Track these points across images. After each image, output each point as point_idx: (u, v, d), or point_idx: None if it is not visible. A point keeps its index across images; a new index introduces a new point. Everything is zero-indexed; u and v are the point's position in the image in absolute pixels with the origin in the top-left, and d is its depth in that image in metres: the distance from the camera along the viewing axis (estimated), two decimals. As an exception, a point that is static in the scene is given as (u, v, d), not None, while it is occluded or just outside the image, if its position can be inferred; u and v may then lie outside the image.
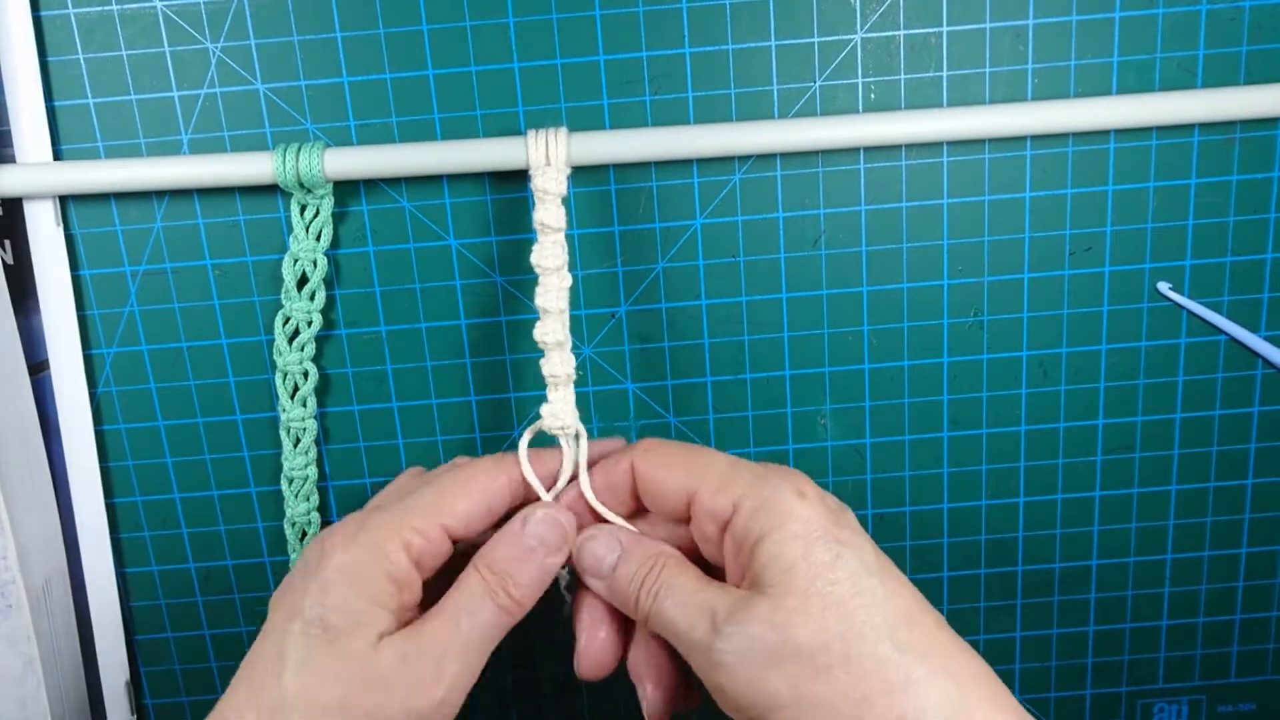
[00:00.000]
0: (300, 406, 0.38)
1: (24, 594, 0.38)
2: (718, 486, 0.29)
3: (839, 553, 0.27)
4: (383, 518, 0.30)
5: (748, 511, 0.28)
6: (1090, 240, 0.38)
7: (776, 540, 0.27)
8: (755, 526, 0.28)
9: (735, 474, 0.29)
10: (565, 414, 0.33)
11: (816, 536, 0.27)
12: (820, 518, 0.28)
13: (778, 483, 0.29)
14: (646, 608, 0.29)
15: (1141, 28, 0.36)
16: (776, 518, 0.28)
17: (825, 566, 0.27)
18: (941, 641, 0.27)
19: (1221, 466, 0.40)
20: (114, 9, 0.36)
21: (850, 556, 0.27)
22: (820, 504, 0.28)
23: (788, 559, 0.27)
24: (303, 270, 0.37)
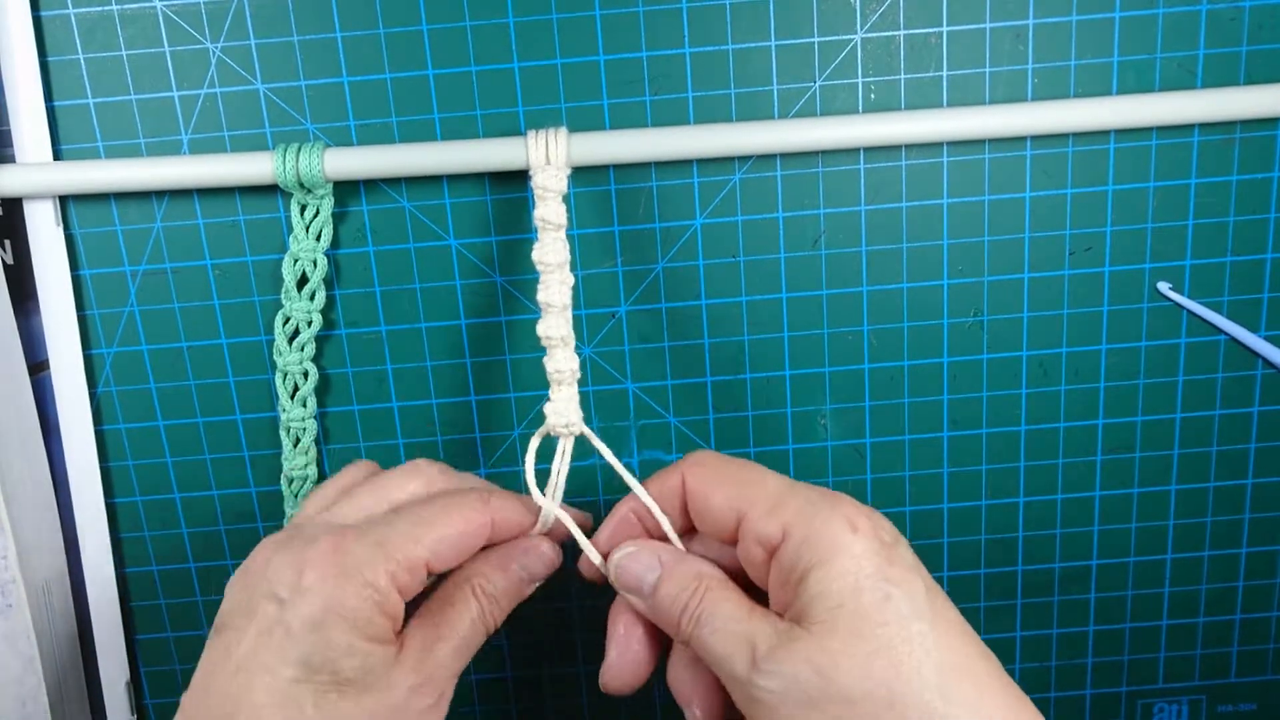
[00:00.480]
0: (300, 406, 0.38)
1: (24, 594, 0.38)
2: (767, 510, 0.28)
3: (889, 593, 0.26)
4: (366, 547, 0.29)
5: (797, 541, 0.27)
6: (1090, 240, 0.38)
7: (824, 576, 0.26)
8: (803, 558, 0.27)
9: (786, 498, 0.28)
10: (570, 412, 0.34)
11: (867, 574, 0.26)
12: (872, 554, 0.27)
13: (829, 513, 0.27)
14: (688, 632, 0.29)
15: (1141, 28, 0.36)
16: (826, 551, 0.27)
17: (874, 608, 0.26)
18: (994, 692, 0.26)
19: (1221, 466, 0.40)
20: (114, 9, 0.36)
21: (901, 599, 0.26)
22: (873, 538, 0.27)
23: (835, 597, 0.26)
24: (303, 270, 0.37)
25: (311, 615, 0.27)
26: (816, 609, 0.26)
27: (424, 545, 0.29)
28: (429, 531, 0.30)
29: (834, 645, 0.26)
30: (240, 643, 0.28)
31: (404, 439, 0.40)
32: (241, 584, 0.29)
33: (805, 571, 0.27)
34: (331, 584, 0.28)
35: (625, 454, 0.40)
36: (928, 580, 0.27)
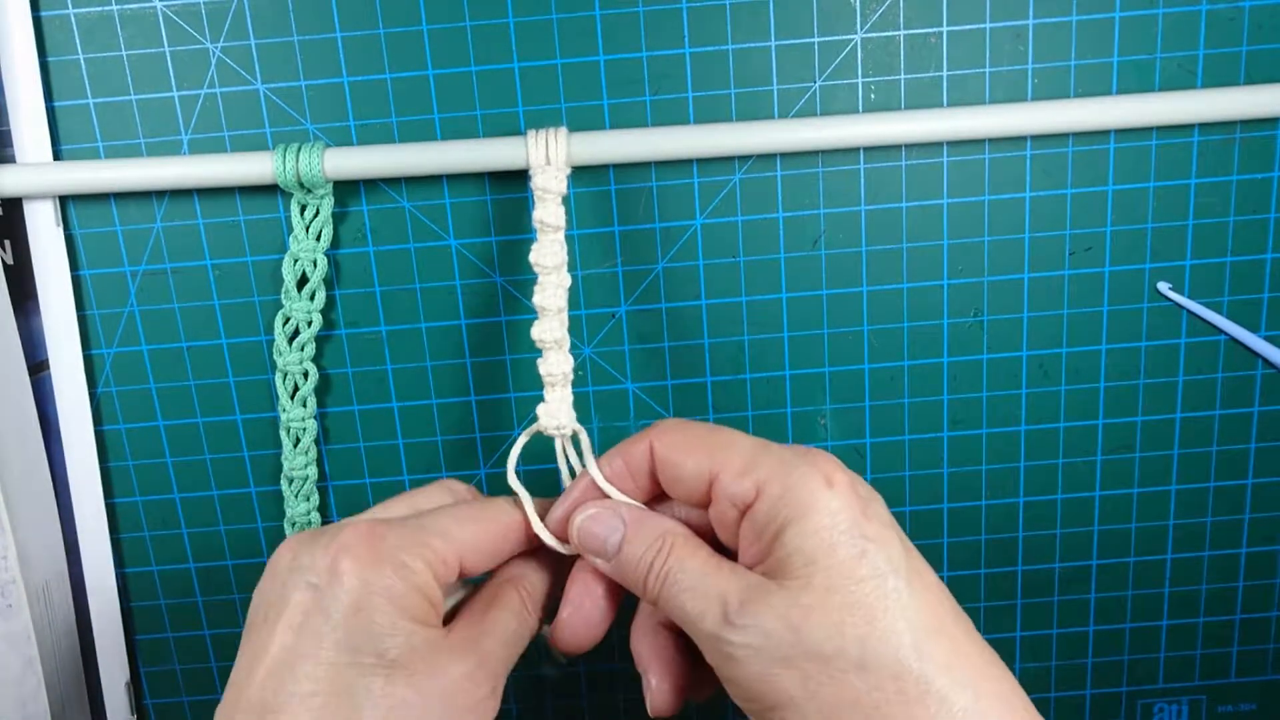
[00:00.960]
0: (300, 406, 0.38)
1: (24, 594, 0.38)
2: (741, 469, 0.28)
3: (865, 549, 0.26)
4: (400, 533, 0.28)
5: (771, 498, 0.27)
6: (1090, 240, 0.38)
7: (800, 531, 0.26)
8: (778, 514, 0.27)
9: (760, 456, 0.28)
10: (562, 414, 0.33)
11: (842, 530, 0.26)
12: (848, 509, 0.26)
13: (805, 469, 0.27)
14: (655, 591, 0.28)
15: (1141, 28, 0.36)
16: (801, 506, 0.26)
17: (849, 564, 0.25)
18: (967, 653, 0.26)
19: (1221, 466, 0.40)
20: (114, 9, 0.36)
21: (877, 554, 0.26)
22: (850, 493, 0.27)
23: (810, 552, 0.26)
24: (303, 270, 0.37)
25: (351, 597, 0.26)
26: (791, 564, 0.26)
27: (456, 542, 0.29)
28: (464, 533, 0.29)
29: (808, 600, 0.25)
30: (275, 635, 0.27)
31: (404, 439, 0.40)
32: (270, 580, 0.28)
33: (780, 527, 0.26)
34: (368, 566, 0.27)
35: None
36: (903, 538, 0.27)
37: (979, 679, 0.25)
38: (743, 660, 0.26)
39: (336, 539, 0.27)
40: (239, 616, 0.41)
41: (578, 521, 0.30)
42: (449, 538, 0.29)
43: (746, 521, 0.28)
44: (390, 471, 0.40)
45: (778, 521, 0.27)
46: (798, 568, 0.26)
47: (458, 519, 0.30)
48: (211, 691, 0.42)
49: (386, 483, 0.40)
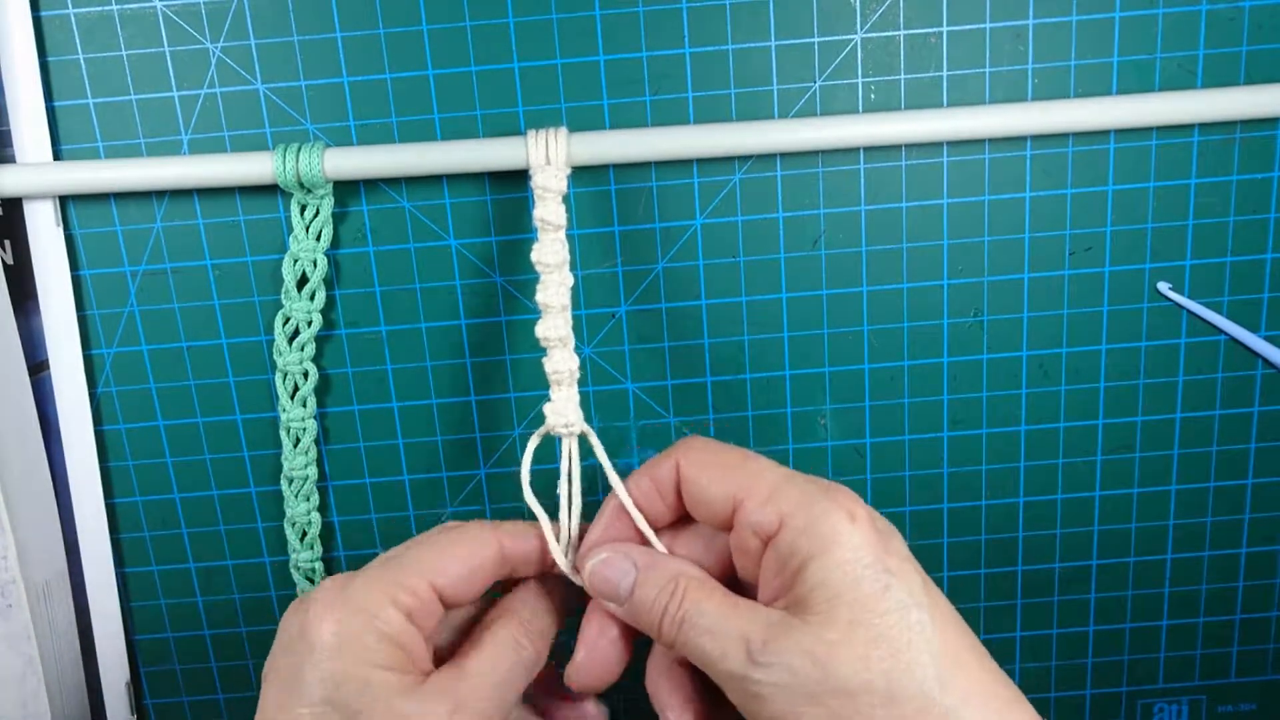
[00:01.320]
0: (300, 406, 0.38)
1: (24, 594, 0.38)
2: (764, 499, 0.28)
3: (888, 583, 0.26)
4: (366, 579, 0.29)
5: (794, 530, 0.27)
6: (1090, 240, 0.38)
7: (823, 565, 0.26)
8: (801, 548, 0.27)
9: (784, 487, 0.28)
10: (569, 412, 0.34)
11: (866, 565, 0.26)
12: (870, 545, 0.27)
13: (827, 504, 0.27)
14: (671, 636, 0.28)
15: (1141, 28, 0.36)
16: (824, 541, 0.26)
17: (873, 598, 0.26)
18: (985, 681, 0.26)
19: (1221, 466, 0.40)
20: (114, 9, 0.36)
21: (899, 587, 0.26)
22: (870, 528, 0.27)
23: (834, 586, 0.26)
24: (303, 270, 0.37)
25: (320, 657, 0.28)
26: (815, 599, 0.26)
27: (429, 571, 0.29)
28: (434, 557, 0.30)
29: (832, 635, 0.25)
30: (266, 696, 0.29)
31: (404, 439, 0.40)
32: (271, 652, 0.30)
33: (804, 561, 0.27)
34: (334, 623, 0.28)
35: (625, 454, 0.40)
36: (921, 572, 0.27)
37: (999, 707, 0.26)
38: (769, 698, 0.26)
39: (307, 599, 0.29)
40: (239, 616, 0.42)
41: (589, 567, 0.31)
42: (420, 571, 0.29)
43: (770, 551, 0.28)
44: (390, 471, 0.40)
45: (800, 555, 0.27)
46: (821, 602, 0.26)
47: (431, 547, 0.30)
48: (211, 691, 0.42)
49: (386, 482, 0.40)
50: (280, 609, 0.41)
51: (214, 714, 0.42)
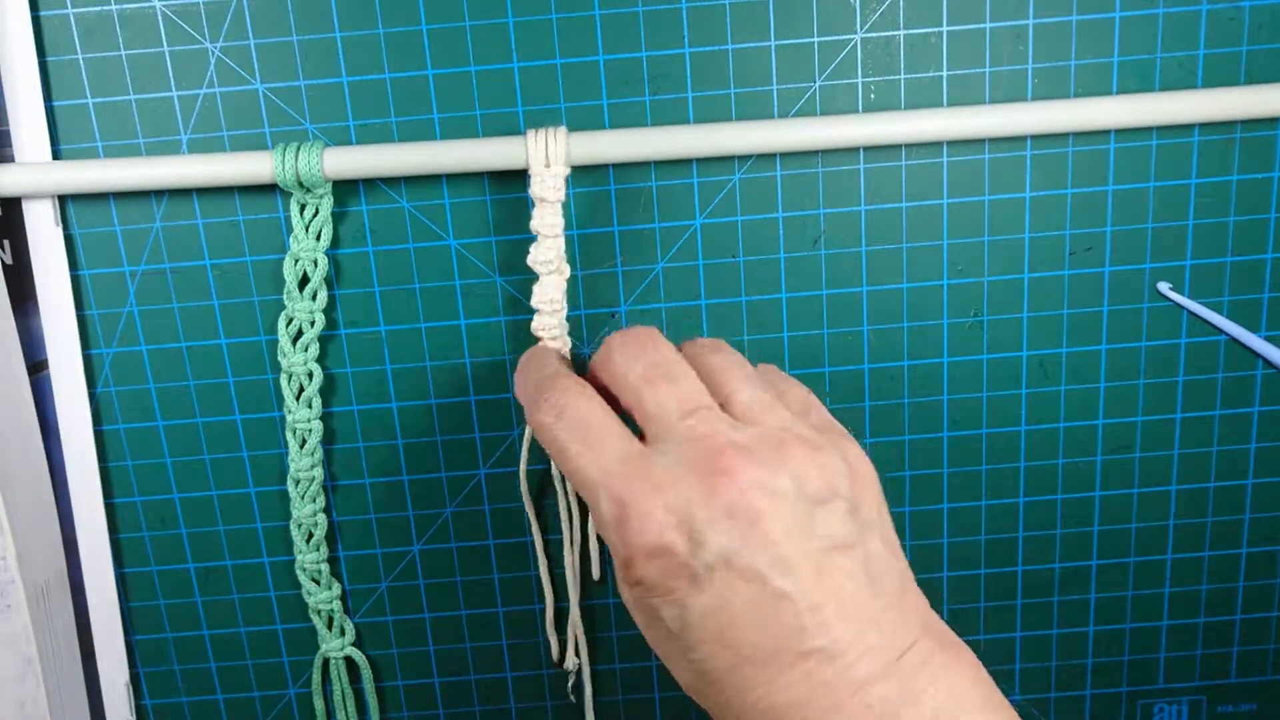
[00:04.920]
0: (306, 408, 0.38)
1: (23, 594, 0.38)
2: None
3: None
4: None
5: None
6: (1090, 240, 0.38)
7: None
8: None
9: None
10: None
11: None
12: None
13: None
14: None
15: (1141, 28, 0.36)
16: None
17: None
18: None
19: (1221, 466, 0.40)
20: (113, 9, 0.36)
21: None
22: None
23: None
24: (304, 270, 0.37)
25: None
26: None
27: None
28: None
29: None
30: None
31: (404, 439, 0.40)
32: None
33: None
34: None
35: (625, 454, 0.40)
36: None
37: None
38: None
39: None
40: (238, 617, 0.41)
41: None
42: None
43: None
44: (390, 471, 0.40)
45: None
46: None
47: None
48: (210, 692, 0.42)
49: (386, 482, 0.40)
50: (280, 609, 0.41)
51: (214, 714, 0.42)
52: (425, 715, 0.42)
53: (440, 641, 0.42)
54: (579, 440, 0.28)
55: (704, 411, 0.28)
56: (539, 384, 0.30)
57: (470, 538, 0.41)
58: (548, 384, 0.30)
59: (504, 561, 0.41)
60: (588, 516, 0.40)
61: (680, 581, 0.26)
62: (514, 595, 0.41)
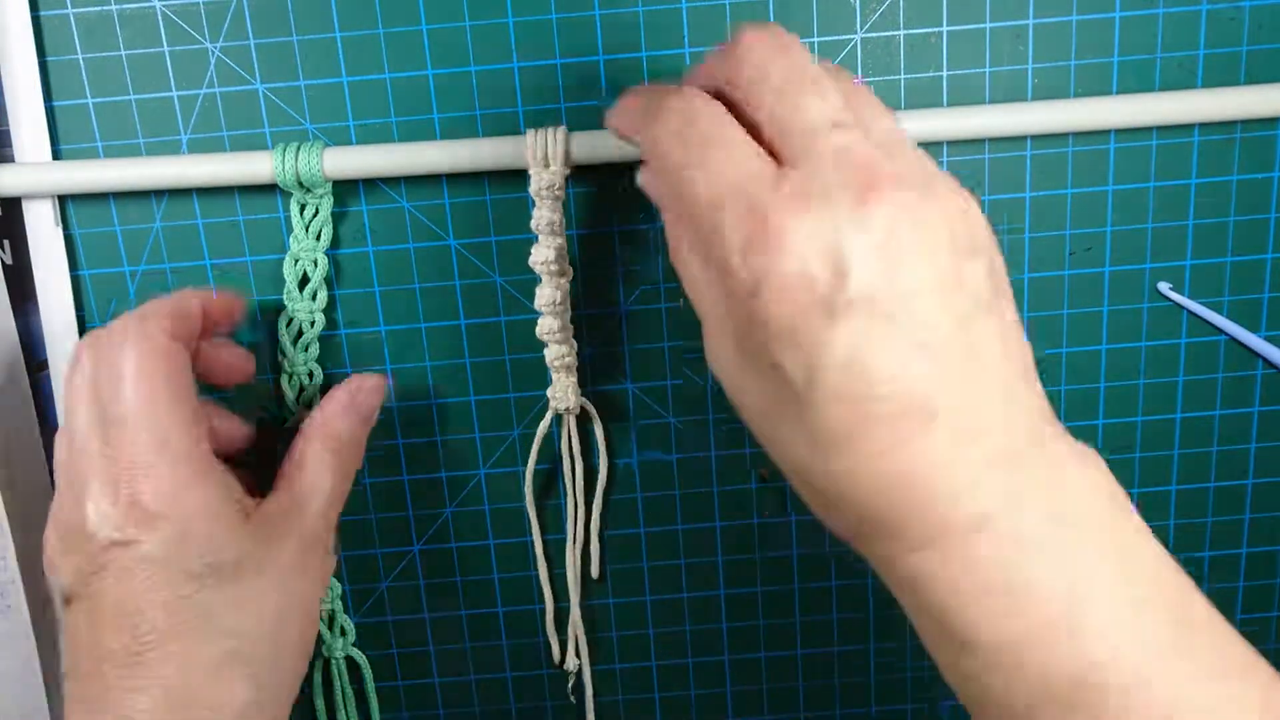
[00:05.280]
0: (306, 408, 0.38)
1: (23, 594, 0.38)
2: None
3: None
4: (153, 454, 0.30)
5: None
6: (1090, 240, 0.38)
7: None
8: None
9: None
10: (568, 397, 0.37)
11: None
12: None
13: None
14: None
15: (1141, 28, 0.36)
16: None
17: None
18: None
19: (1221, 466, 0.40)
20: (113, 9, 0.36)
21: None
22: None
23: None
24: (304, 270, 0.37)
25: (167, 535, 0.29)
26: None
27: (174, 405, 0.30)
28: (160, 387, 0.30)
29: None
30: (107, 596, 0.29)
31: (403, 439, 0.40)
32: (65, 554, 0.30)
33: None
34: (160, 495, 0.29)
35: (625, 454, 0.40)
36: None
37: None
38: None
39: (120, 481, 0.30)
40: (239, 616, 0.41)
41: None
42: (169, 411, 0.30)
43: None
44: (390, 471, 0.40)
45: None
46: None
47: (153, 384, 0.30)
48: (211, 691, 0.42)
49: (386, 482, 0.40)
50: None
51: (214, 714, 0.42)
52: (425, 715, 0.42)
53: (440, 641, 0.42)
54: (702, 154, 0.24)
55: (855, 132, 0.24)
56: (658, 94, 0.26)
57: (470, 538, 0.41)
58: (672, 94, 0.26)
59: (504, 561, 0.41)
60: (590, 516, 0.40)
61: (814, 320, 0.23)
62: (514, 595, 0.42)
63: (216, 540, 0.29)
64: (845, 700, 0.43)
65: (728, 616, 0.42)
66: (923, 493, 0.23)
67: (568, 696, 0.42)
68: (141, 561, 0.29)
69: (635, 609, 0.42)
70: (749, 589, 0.41)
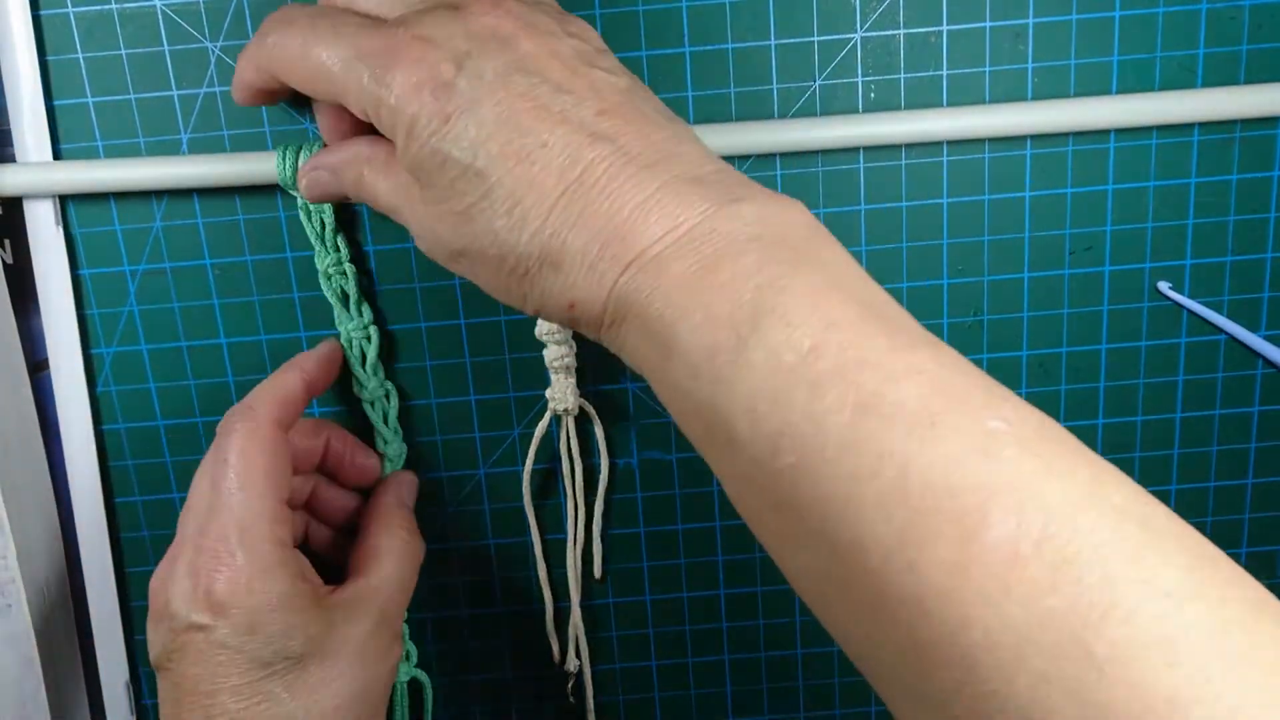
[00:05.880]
0: (395, 433, 0.39)
1: (24, 594, 0.38)
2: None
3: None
4: (234, 533, 0.31)
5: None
6: (1090, 240, 0.38)
7: None
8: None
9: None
10: (567, 397, 0.37)
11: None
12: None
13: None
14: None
15: (1141, 27, 0.36)
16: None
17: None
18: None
19: (1221, 466, 0.40)
20: (113, 8, 0.36)
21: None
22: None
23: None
24: (339, 286, 0.37)
25: (241, 623, 0.30)
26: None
27: (264, 491, 0.31)
28: (257, 475, 0.31)
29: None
30: (186, 674, 0.30)
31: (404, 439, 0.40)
32: (155, 624, 0.32)
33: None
34: (235, 583, 0.30)
35: (625, 454, 0.40)
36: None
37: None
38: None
39: (196, 567, 0.31)
40: (239, 616, 0.41)
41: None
42: (257, 495, 0.31)
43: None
44: (390, 471, 0.40)
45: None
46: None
47: (252, 466, 0.32)
48: (211, 691, 0.42)
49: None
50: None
51: (214, 714, 0.42)
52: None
53: (440, 641, 0.42)
54: (323, 31, 0.28)
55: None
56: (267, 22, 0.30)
57: (470, 538, 0.41)
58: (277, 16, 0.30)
59: (504, 561, 0.41)
60: (592, 516, 0.40)
61: (457, 99, 0.26)
62: (514, 595, 0.41)
63: (286, 629, 0.30)
64: (845, 700, 0.43)
65: (728, 616, 0.42)
66: (619, 219, 0.25)
67: (568, 696, 0.42)
68: (215, 646, 0.30)
69: (635, 609, 0.42)
70: (749, 589, 0.41)
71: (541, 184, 0.25)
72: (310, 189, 0.33)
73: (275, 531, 0.31)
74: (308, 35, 0.28)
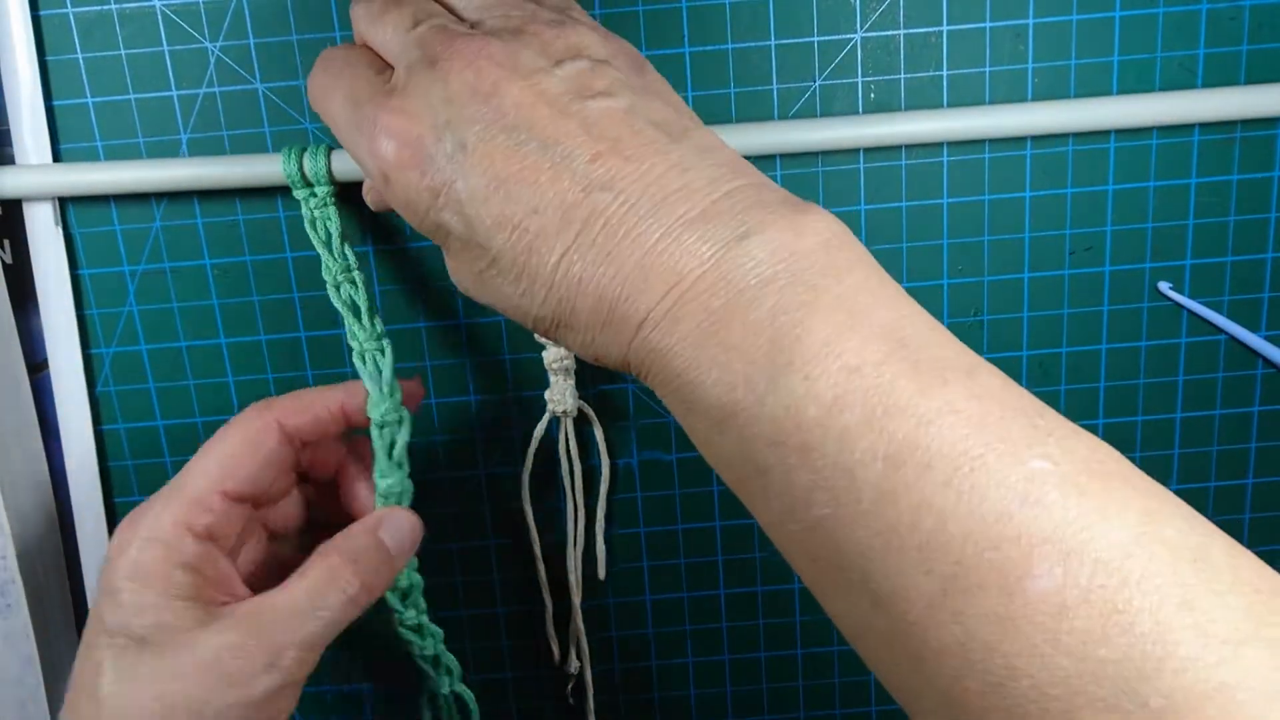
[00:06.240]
0: (398, 468, 0.34)
1: (23, 594, 0.38)
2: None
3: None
4: (156, 508, 0.30)
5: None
6: (1090, 240, 0.38)
7: None
8: None
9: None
10: (566, 399, 0.37)
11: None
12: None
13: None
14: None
15: (1141, 28, 0.36)
16: None
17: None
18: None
19: (1221, 466, 0.40)
20: (113, 8, 0.36)
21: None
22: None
23: None
24: (349, 296, 0.35)
25: (108, 584, 0.29)
26: None
27: (216, 479, 0.30)
28: (217, 464, 0.30)
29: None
30: (89, 618, 0.30)
31: (404, 439, 0.40)
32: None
33: None
34: (122, 551, 0.29)
35: (625, 454, 0.40)
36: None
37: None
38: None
39: (117, 530, 0.30)
40: (239, 616, 0.41)
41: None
42: (209, 481, 0.30)
43: None
44: (390, 471, 0.40)
45: None
46: None
47: (211, 454, 0.31)
48: (211, 691, 0.42)
49: (386, 483, 0.40)
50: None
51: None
52: (425, 715, 0.42)
53: (440, 641, 0.42)
54: (336, 89, 0.27)
55: (433, 19, 0.27)
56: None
57: (470, 538, 0.41)
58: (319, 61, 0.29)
59: (504, 561, 0.41)
60: (593, 517, 0.40)
61: (441, 174, 0.25)
62: (514, 595, 0.42)
63: (138, 606, 0.29)
64: (845, 700, 0.43)
65: (728, 616, 0.42)
66: (621, 279, 0.23)
67: (568, 697, 0.42)
68: (94, 610, 0.30)
69: (635, 609, 0.42)
70: (749, 589, 0.41)
71: (539, 251, 0.24)
72: (375, 205, 0.34)
73: (189, 513, 0.30)
74: (326, 85, 0.28)
